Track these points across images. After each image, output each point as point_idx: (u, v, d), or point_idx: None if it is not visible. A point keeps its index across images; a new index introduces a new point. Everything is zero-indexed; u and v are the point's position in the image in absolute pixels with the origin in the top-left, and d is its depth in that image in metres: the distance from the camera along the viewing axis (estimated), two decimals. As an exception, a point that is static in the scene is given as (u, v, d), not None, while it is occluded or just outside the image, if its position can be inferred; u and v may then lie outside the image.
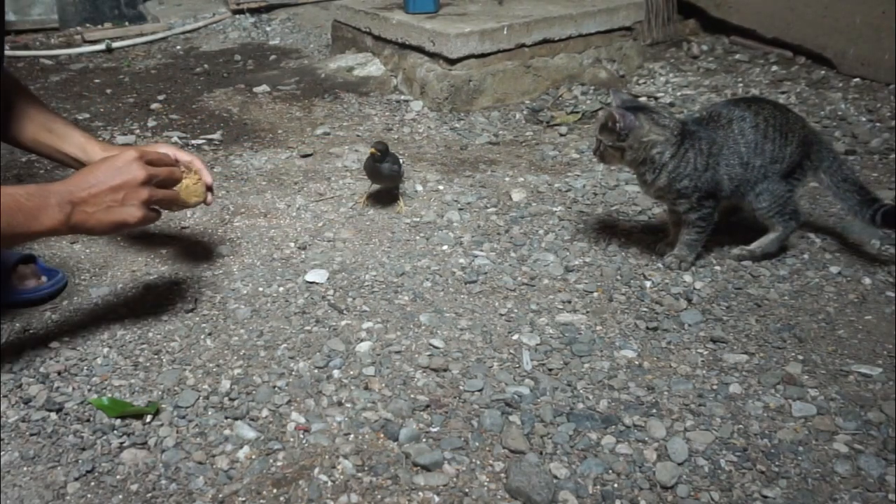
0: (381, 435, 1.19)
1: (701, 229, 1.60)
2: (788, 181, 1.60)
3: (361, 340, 1.41)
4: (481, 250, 1.73)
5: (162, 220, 1.87)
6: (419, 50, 2.72)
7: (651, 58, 3.07)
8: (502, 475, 1.11)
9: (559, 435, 1.18)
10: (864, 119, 2.42)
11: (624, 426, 1.20)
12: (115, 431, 1.19)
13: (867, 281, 1.58)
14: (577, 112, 2.57)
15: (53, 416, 1.23)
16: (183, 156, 1.46)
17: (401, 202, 1.94)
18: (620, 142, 1.52)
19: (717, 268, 1.65)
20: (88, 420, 1.22)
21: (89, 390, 1.29)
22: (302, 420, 1.22)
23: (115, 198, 1.23)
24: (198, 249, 1.74)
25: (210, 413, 1.23)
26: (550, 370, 1.33)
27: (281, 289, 1.58)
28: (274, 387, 1.29)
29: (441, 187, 2.05)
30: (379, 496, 1.08)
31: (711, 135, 1.56)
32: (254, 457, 1.15)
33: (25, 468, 1.13)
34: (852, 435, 1.18)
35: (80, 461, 1.14)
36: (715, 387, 1.29)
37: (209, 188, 1.47)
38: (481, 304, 1.53)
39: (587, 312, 1.50)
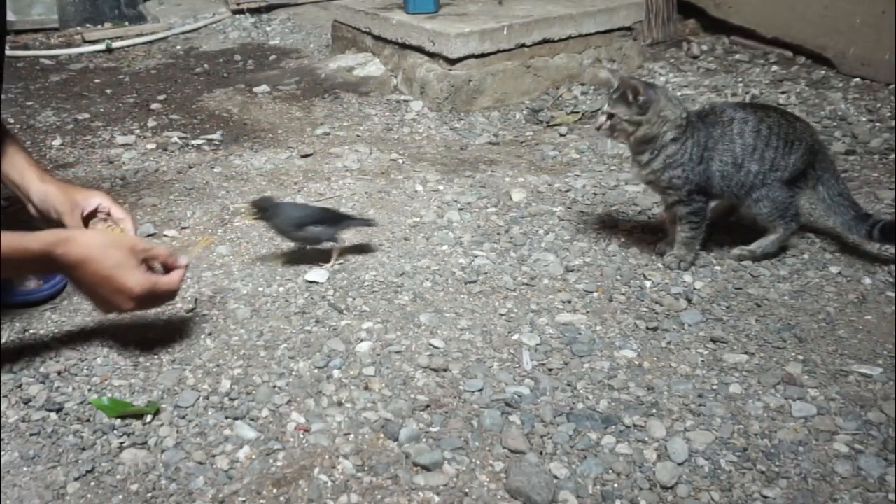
0: (381, 435, 1.19)
1: (694, 225, 1.60)
2: (792, 187, 1.60)
3: (361, 340, 1.41)
4: (481, 250, 1.73)
5: (162, 221, 1.88)
6: (419, 50, 2.72)
7: (651, 58, 3.07)
8: (502, 475, 1.11)
9: (559, 435, 1.18)
10: (864, 119, 2.42)
11: (624, 426, 1.20)
12: (115, 431, 1.19)
13: (867, 281, 1.58)
14: (577, 112, 2.57)
15: (53, 416, 1.23)
16: (117, 212, 1.49)
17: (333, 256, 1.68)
18: (640, 115, 1.51)
19: (717, 268, 1.65)
20: (88, 420, 1.22)
21: (89, 390, 1.29)
22: (302, 420, 1.22)
23: (101, 297, 1.28)
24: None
25: (210, 413, 1.23)
26: (550, 370, 1.33)
27: (281, 289, 1.58)
28: (274, 387, 1.29)
29: (441, 187, 2.05)
30: (379, 496, 1.08)
31: (710, 129, 1.56)
32: (254, 457, 1.15)
33: (25, 468, 1.13)
34: (852, 435, 1.18)
35: (80, 461, 1.14)
36: (715, 387, 1.29)
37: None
38: (481, 304, 1.53)
39: (587, 312, 1.50)
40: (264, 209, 1.59)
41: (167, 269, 1.35)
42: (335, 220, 1.66)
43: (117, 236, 1.37)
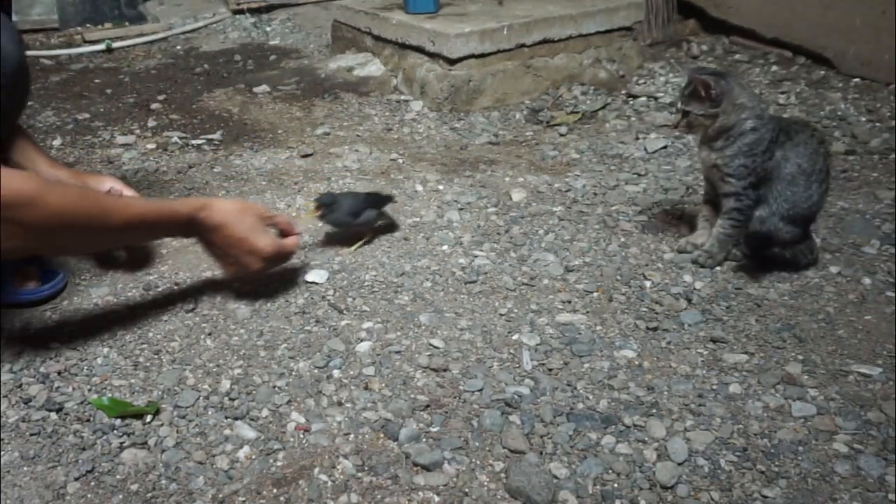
0: (381, 435, 1.19)
1: (736, 223, 1.59)
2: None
3: (361, 340, 1.41)
4: (481, 250, 1.73)
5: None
6: (419, 50, 2.72)
7: (651, 58, 3.07)
8: (502, 475, 1.11)
9: (559, 435, 1.18)
10: (863, 119, 2.42)
11: (624, 426, 1.20)
12: (115, 431, 1.19)
13: (867, 281, 1.58)
14: (577, 112, 2.57)
15: (53, 416, 1.23)
16: (130, 193, 1.57)
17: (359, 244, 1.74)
18: (714, 108, 1.52)
19: (718, 268, 1.65)
20: (88, 420, 1.22)
21: (89, 390, 1.29)
22: (302, 420, 1.22)
23: (233, 258, 1.45)
24: (198, 249, 1.74)
25: (210, 413, 1.23)
26: (550, 370, 1.33)
27: (281, 289, 1.58)
28: (274, 387, 1.29)
29: (441, 187, 2.05)
30: (379, 496, 1.08)
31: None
32: (254, 457, 1.15)
33: (25, 468, 1.13)
34: (852, 435, 1.18)
35: (80, 461, 1.14)
36: (715, 387, 1.29)
37: None
38: (481, 304, 1.53)
39: (587, 312, 1.50)
40: (327, 205, 1.65)
41: (284, 234, 1.52)
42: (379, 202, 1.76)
43: (246, 203, 1.50)
